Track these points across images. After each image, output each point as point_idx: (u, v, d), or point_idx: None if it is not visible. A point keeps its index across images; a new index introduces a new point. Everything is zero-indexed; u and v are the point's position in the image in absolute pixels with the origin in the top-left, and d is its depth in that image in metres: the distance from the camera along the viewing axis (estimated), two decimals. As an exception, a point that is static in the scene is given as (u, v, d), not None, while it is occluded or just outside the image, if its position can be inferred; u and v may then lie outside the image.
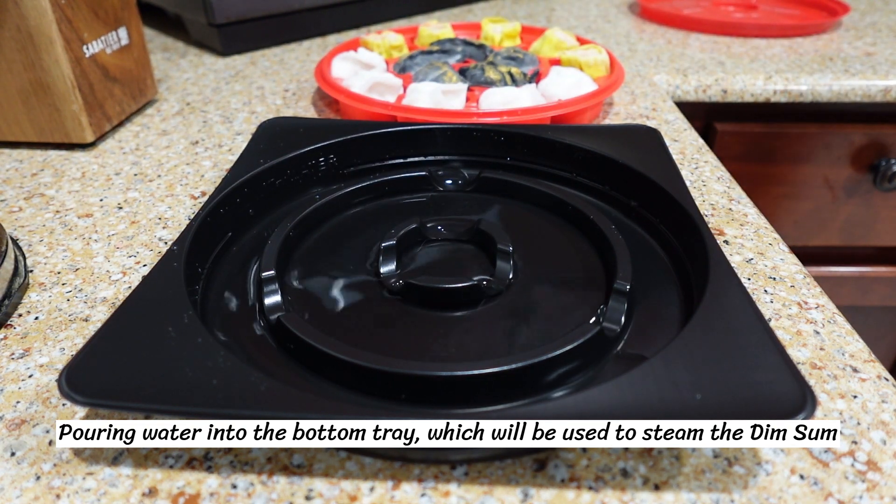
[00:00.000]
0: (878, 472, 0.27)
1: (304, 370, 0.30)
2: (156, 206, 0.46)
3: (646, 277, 0.36)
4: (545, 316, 0.34)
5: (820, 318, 0.35)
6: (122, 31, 0.58)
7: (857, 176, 0.75)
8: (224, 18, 0.75)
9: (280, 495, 0.26)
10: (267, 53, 0.79)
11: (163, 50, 0.81)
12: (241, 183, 0.40)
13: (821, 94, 0.69)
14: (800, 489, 0.26)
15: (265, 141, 0.45)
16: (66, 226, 0.44)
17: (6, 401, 0.31)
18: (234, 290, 0.36)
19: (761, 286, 0.37)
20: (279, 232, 0.38)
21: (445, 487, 0.26)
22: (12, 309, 0.36)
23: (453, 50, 0.69)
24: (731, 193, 0.47)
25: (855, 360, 0.32)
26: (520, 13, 0.95)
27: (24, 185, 0.50)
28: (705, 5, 0.95)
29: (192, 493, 0.26)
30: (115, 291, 0.38)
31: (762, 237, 0.42)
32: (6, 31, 0.50)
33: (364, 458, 0.27)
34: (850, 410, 0.29)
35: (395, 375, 0.28)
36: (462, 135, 0.46)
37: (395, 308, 0.35)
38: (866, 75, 0.69)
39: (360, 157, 0.46)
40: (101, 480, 0.27)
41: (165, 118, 0.61)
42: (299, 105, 0.64)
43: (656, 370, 0.26)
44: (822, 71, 0.70)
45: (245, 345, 0.32)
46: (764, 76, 0.69)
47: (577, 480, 0.26)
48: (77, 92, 0.52)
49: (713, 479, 0.26)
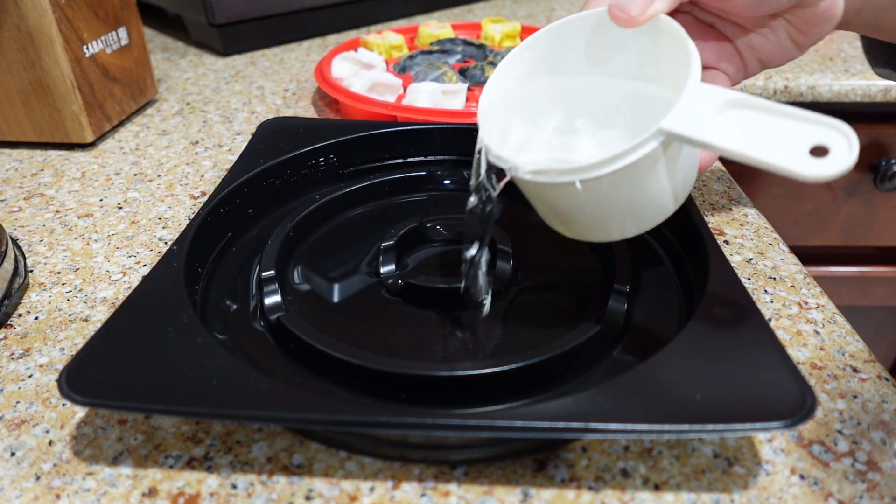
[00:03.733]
0: (878, 472, 0.27)
1: (304, 370, 0.30)
2: (156, 206, 0.46)
3: (646, 277, 0.36)
4: (545, 316, 0.34)
5: (820, 318, 0.35)
6: (122, 31, 0.58)
7: (857, 176, 0.75)
8: (224, 18, 0.75)
9: (280, 495, 0.26)
10: (267, 53, 0.79)
11: (163, 50, 0.81)
12: (241, 183, 0.40)
13: (821, 94, 0.69)
14: (800, 489, 0.26)
15: (265, 141, 0.45)
16: (66, 226, 0.44)
17: (6, 401, 0.30)
18: (234, 290, 0.36)
19: (761, 286, 0.37)
20: (279, 232, 0.38)
21: (445, 487, 0.26)
22: (12, 309, 0.36)
23: (453, 50, 0.69)
24: (730, 193, 0.47)
25: (855, 360, 0.32)
26: (520, 13, 0.94)
27: (24, 185, 0.50)
28: (705, 5, 0.95)
29: (192, 493, 0.26)
30: (115, 291, 0.38)
31: (762, 237, 0.42)
32: (6, 31, 0.50)
33: (364, 458, 0.27)
34: (850, 410, 0.29)
35: (395, 375, 0.28)
36: (462, 135, 0.46)
37: (395, 308, 0.35)
38: (866, 75, 0.69)
39: (360, 157, 0.46)
40: (101, 480, 0.27)
41: (165, 118, 0.61)
42: (299, 105, 0.64)
43: (656, 370, 0.26)
44: (822, 71, 0.70)
45: (245, 345, 0.32)
46: (764, 76, 0.69)
47: (577, 480, 0.26)
48: (77, 92, 0.52)
49: (713, 479, 0.26)
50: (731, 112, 0.27)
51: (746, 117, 0.27)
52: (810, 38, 0.33)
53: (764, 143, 0.26)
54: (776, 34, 0.33)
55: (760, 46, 0.34)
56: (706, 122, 0.27)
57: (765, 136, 0.26)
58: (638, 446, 0.28)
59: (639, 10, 0.30)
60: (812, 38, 0.33)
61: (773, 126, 0.26)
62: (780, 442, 0.28)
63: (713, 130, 0.27)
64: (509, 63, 0.34)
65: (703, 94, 0.27)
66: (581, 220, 0.32)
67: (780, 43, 0.34)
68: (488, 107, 0.33)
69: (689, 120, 0.27)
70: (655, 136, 0.27)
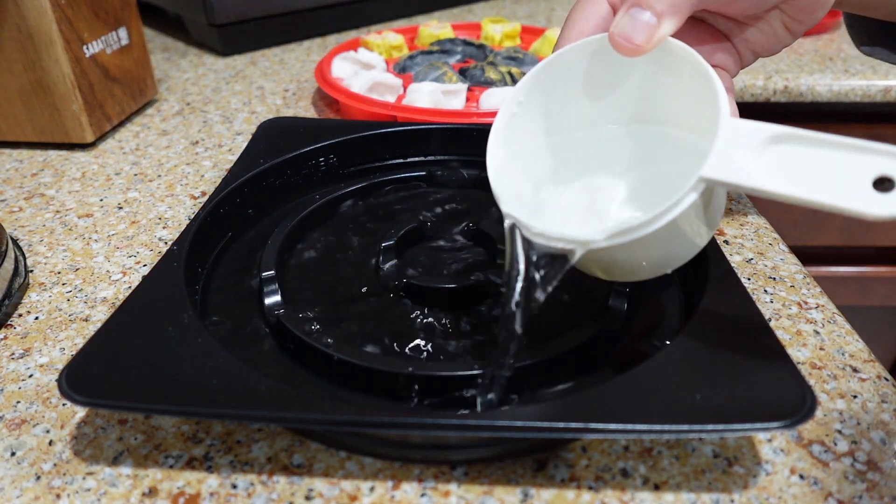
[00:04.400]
0: (878, 472, 0.27)
1: (304, 370, 0.30)
2: (156, 206, 0.46)
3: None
4: (545, 316, 0.34)
5: (820, 318, 0.35)
6: (122, 31, 0.58)
7: (857, 176, 0.75)
8: (224, 18, 0.75)
9: (280, 495, 0.26)
10: (267, 53, 0.79)
11: (163, 50, 0.81)
12: (241, 183, 0.40)
13: (821, 94, 0.69)
14: (800, 489, 0.26)
15: (265, 141, 0.45)
16: (66, 226, 0.44)
17: (6, 401, 0.31)
18: (234, 290, 0.36)
19: (761, 286, 0.37)
20: (279, 232, 0.38)
21: (445, 487, 0.26)
22: (12, 309, 0.36)
23: (453, 50, 0.69)
24: (730, 193, 0.47)
25: (855, 360, 0.32)
26: (520, 13, 0.94)
27: (24, 185, 0.50)
28: (705, 5, 0.95)
29: (192, 493, 0.26)
30: (115, 291, 0.38)
31: (762, 237, 0.42)
32: (6, 31, 0.50)
33: (364, 458, 0.27)
34: (850, 410, 0.29)
35: (395, 375, 0.28)
36: (462, 135, 0.46)
37: (396, 308, 0.35)
38: (866, 75, 0.69)
39: (360, 157, 0.46)
40: (101, 480, 0.27)
41: (165, 118, 0.61)
42: (299, 105, 0.64)
43: (656, 370, 0.26)
44: (822, 71, 0.70)
45: (245, 345, 0.32)
46: (764, 76, 0.69)
47: (577, 480, 0.26)
48: (77, 92, 0.52)
49: (713, 479, 0.26)
50: (776, 148, 0.24)
51: (795, 153, 0.24)
52: (805, 24, 0.33)
53: (820, 183, 0.23)
54: (770, 24, 0.33)
55: (755, 38, 0.34)
56: (750, 166, 0.24)
57: (819, 173, 0.23)
58: (638, 446, 0.28)
59: (644, 38, 0.27)
60: (806, 24, 0.33)
61: (827, 161, 0.23)
62: (780, 442, 0.28)
63: (759, 174, 0.24)
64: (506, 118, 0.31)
65: (740, 130, 0.24)
66: (615, 271, 0.30)
67: (774, 33, 0.33)
68: (500, 174, 0.30)
69: (730, 164, 0.24)
70: (696, 186, 0.24)
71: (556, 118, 0.32)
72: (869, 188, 0.22)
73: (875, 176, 0.22)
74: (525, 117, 0.31)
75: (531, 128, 0.32)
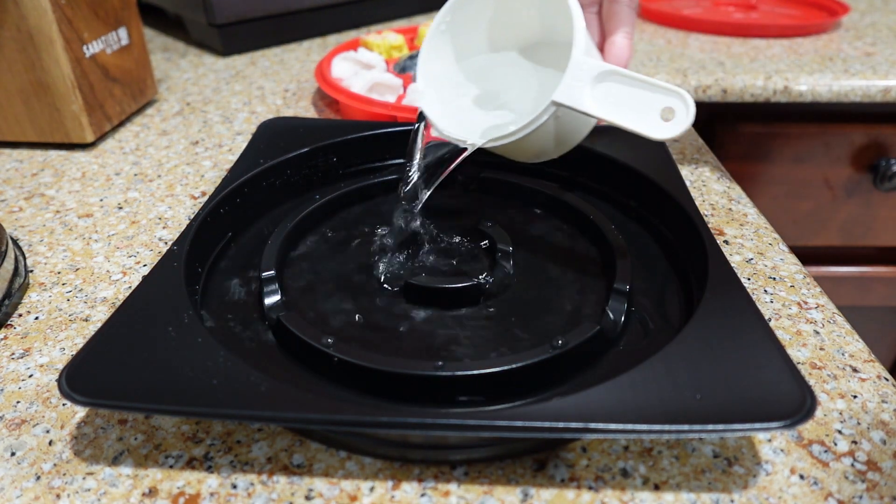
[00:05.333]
0: (878, 472, 0.27)
1: (304, 370, 0.30)
2: (156, 206, 0.46)
3: (646, 277, 0.36)
4: (545, 316, 0.34)
5: (820, 318, 0.35)
6: (122, 31, 0.58)
7: (857, 176, 0.75)
8: (224, 18, 0.75)
9: (280, 495, 0.26)
10: (267, 53, 0.79)
11: (163, 50, 0.81)
12: (241, 183, 0.40)
13: (821, 94, 0.69)
14: (800, 489, 0.26)
15: (265, 141, 0.45)
16: (66, 226, 0.44)
17: (6, 401, 0.31)
18: (235, 290, 0.36)
19: (761, 286, 0.37)
20: (279, 232, 0.38)
21: (445, 487, 0.26)
22: (12, 309, 0.36)
23: (453, 50, 0.69)
24: (730, 193, 0.47)
25: (855, 360, 0.32)
26: (520, 13, 0.94)
27: (25, 185, 0.50)
28: (705, 5, 0.95)
29: (192, 493, 0.26)
30: (115, 291, 0.38)
31: (762, 237, 0.42)
32: (6, 31, 0.50)
33: (364, 458, 0.27)
34: (850, 410, 0.29)
35: (395, 375, 0.28)
36: (462, 135, 0.46)
37: (396, 308, 0.35)
38: (866, 75, 0.69)
39: (360, 157, 0.46)
40: (101, 480, 0.27)
41: (165, 118, 0.61)
42: (299, 105, 0.64)
43: (656, 370, 0.26)
44: (821, 71, 0.70)
45: (245, 344, 0.32)
46: (764, 76, 0.69)
47: (577, 480, 0.26)
48: (77, 92, 0.52)
49: (713, 479, 0.26)
50: (604, 84, 0.32)
51: (616, 88, 0.32)
52: None
53: (627, 111, 0.31)
54: None
55: None
56: (585, 94, 0.32)
57: (627, 104, 0.31)
58: (638, 446, 0.28)
59: None
60: None
61: (633, 95, 0.31)
62: (780, 442, 0.28)
63: (589, 101, 0.32)
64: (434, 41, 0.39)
65: (582, 67, 0.32)
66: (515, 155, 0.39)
67: None
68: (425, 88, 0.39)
69: (571, 92, 0.32)
70: (548, 108, 0.33)
71: (470, 42, 0.41)
72: (658, 118, 0.30)
73: (661, 108, 0.30)
74: (448, 36, 0.40)
75: (449, 49, 0.40)
